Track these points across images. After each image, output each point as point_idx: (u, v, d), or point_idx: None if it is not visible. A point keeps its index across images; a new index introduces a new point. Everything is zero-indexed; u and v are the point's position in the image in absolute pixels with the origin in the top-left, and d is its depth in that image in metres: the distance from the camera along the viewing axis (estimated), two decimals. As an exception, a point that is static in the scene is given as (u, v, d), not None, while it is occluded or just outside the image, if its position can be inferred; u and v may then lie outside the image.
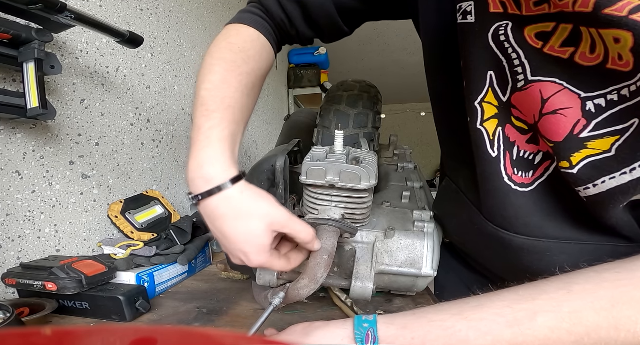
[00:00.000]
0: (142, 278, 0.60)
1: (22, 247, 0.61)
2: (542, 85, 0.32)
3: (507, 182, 0.38)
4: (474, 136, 0.39)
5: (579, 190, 0.33)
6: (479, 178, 0.41)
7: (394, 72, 3.41)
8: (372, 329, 0.33)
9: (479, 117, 0.38)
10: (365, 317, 0.35)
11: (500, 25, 0.33)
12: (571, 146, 0.32)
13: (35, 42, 0.55)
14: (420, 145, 4.80)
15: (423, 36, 0.46)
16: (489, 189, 0.40)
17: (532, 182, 0.38)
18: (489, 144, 0.38)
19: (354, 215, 0.47)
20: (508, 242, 0.41)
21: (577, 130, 0.31)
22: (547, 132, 0.33)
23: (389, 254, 0.51)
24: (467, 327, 0.30)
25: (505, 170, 0.38)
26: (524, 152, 0.38)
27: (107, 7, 0.80)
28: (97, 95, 0.77)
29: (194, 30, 1.16)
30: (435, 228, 0.53)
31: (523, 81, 0.34)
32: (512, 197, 0.38)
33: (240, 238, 0.37)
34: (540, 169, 0.37)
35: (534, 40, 0.32)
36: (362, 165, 0.43)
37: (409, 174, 0.70)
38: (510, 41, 0.33)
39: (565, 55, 0.31)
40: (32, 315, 0.48)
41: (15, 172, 0.60)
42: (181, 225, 0.77)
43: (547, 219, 0.38)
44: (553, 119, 0.32)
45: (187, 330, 0.13)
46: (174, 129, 1.05)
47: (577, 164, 0.32)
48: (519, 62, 0.33)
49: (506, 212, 0.40)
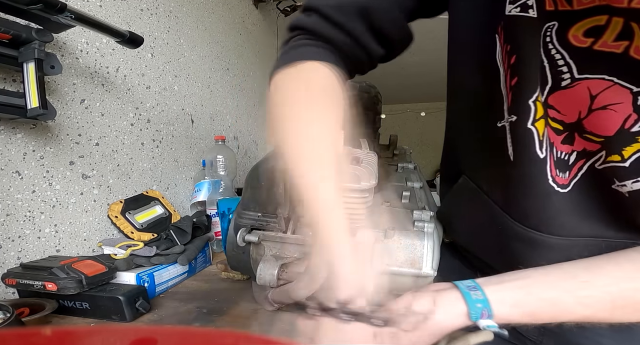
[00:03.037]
0: (142, 278, 0.60)
1: (22, 247, 0.61)
2: (590, 83, 0.33)
3: (551, 184, 0.38)
4: (520, 135, 0.37)
5: (625, 184, 0.34)
6: (518, 179, 0.39)
7: (394, 72, 3.41)
8: (485, 309, 0.34)
9: (531, 116, 0.36)
10: (475, 295, 0.36)
11: (548, 26, 0.34)
12: (623, 140, 0.33)
13: (35, 42, 0.55)
14: (420, 145, 4.80)
15: (453, 28, 0.43)
16: (530, 191, 0.39)
17: (568, 183, 0.38)
18: (538, 144, 0.36)
19: (354, 215, 0.47)
20: (539, 243, 0.41)
21: (628, 125, 0.32)
22: (597, 127, 0.34)
23: (389, 253, 0.51)
24: (575, 302, 0.33)
25: (550, 172, 0.38)
26: (560, 153, 0.38)
27: (107, 7, 0.80)
28: (97, 95, 0.77)
29: (194, 30, 1.16)
30: (435, 228, 0.53)
31: (569, 80, 0.34)
32: (553, 198, 0.38)
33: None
34: (574, 169, 0.38)
35: (580, 39, 0.32)
36: (362, 165, 0.43)
37: (409, 174, 0.70)
38: (554, 43, 0.34)
39: (619, 49, 0.31)
40: (32, 315, 0.48)
41: (15, 172, 0.60)
42: (181, 225, 0.77)
43: (581, 218, 0.39)
44: (603, 114, 0.33)
45: (187, 330, 0.13)
46: (174, 129, 1.05)
47: (629, 158, 0.33)
48: (563, 62, 0.34)
49: (545, 213, 0.39)
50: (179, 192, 1.06)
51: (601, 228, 0.38)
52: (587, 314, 0.34)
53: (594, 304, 0.33)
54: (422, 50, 1.95)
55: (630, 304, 0.33)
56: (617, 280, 0.33)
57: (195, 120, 1.16)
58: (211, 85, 1.27)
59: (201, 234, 0.81)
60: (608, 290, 0.33)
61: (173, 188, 1.03)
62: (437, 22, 0.55)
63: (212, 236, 0.86)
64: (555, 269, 0.36)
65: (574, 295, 0.34)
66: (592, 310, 0.33)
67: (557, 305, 0.34)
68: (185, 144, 1.10)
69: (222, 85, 1.35)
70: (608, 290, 0.33)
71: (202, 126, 1.20)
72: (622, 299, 0.33)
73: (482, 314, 0.34)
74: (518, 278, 0.36)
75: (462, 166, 0.51)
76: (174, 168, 1.04)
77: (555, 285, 0.35)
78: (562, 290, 0.34)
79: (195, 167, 1.13)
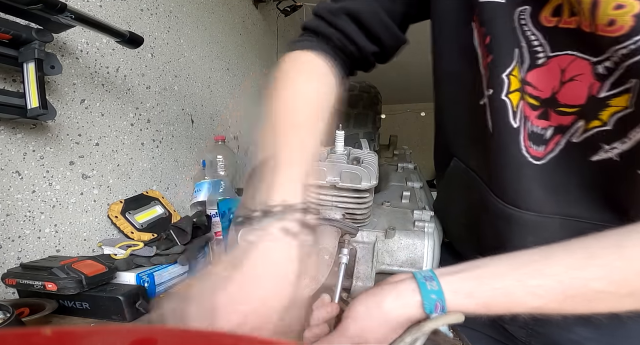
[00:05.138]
0: (142, 278, 0.60)
1: (22, 247, 0.61)
2: (560, 59, 0.37)
3: (524, 153, 0.40)
4: (496, 107, 0.40)
5: (615, 146, 0.35)
6: (496, 150, 0.42)
7: (394, 72, 3.41)
8: (440, 300, 0.34)
9: (504, 88, 0.39)
10: (430, 286, 0.35)
11: (521, 10, 0.38)
12: (596, 106, 0.35)
13: (35, 42, 0.55)
14: (420, 145, 4.78)
15: (434, 14, 0.47)
16: (506, 161, 0.41)
17: (544, 156, 0.40)
18: (511, 114, 0.39)
19: (354, 215, 0.47)
20: (516, 220, 0.42)
21: (594, 91, 0.35)
22: (569, 98, 0.37)
23: (390, 253, 0.51)
24: (525, 292, 0.33)
25: (523, 142, 0.40)
26: (536, 127, 0.40)
27: (107, 7, 0.80)
28: (97, 95, 0.77)
29: (194, 30, 1.16)
30: (435, 228, 0.53)
31: (544, 58, 0.38)
32: (526, 169, 0.40)
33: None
34: (551, 144, 0.40)
35: (549, 19, 0.36)
36: (362, 166, 0.43)
37: (409, 174, 0.70)
38: (529, 25, 0.38)
39: (573, 24, 0.35)
40: (32, 315, 0.48)
41: (15, 172, 0.60)
42: (181, 225, 0.77)
43: (555, 193, 0.40)
44: (572, 85, 0.37)
45: (187, 330, 0.13)
46: (174, 129, 1.05)
47: (609, 120, 0.35)
48: (538, 43, 0.38)
49: (520, 184, 0.41)
50: (179, 192, 1.06)
51: (577, 207, 0.40)
52: (538, 305, 0.33)
53: (544, 294, 0.32)
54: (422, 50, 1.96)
55: (581, 294, 0.32)
56: (567, 269, 0.32)
57: (195, 120, 1.16)
58: (211, 85, 1.27)
59: (201, 234, 0.81)
60: (559, 280, 0.32)
61: (173, 188, 1.03)
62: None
63: (212, 236, 0.86)
64: (509, 258, 0.35)
65: (525, 284, 0.33)
66: (543, 301, 0.32)
67: (509, 295, 0.33)
68: (185, 144, 1.10)
69: (222, 85, 1.35)
70: (559, 279, 0.32)
71: (202, 126, 1.20)
72: (573, 289, 0.32)
73: (436, 305, 0.33)
74: (474, 267, 0.35)
75: (452, 150, 0.53)
76: (174, 168, 1.04)
77: (508, 274, 0.34)
78: (513, 279, 0.33)
79: (195, 167, 1.13)
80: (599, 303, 0.32)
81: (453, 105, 0.51)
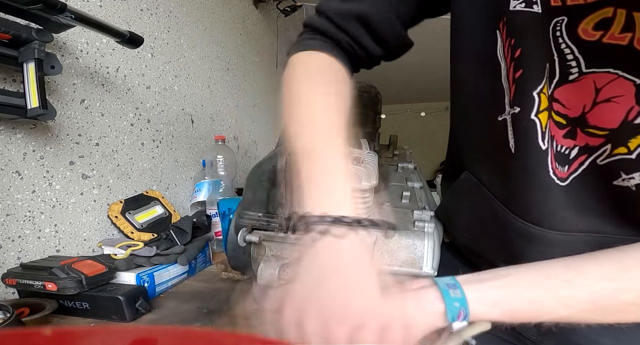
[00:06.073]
0: (142, 278, 0.60)
1: (22, 247, 0.61)
2: (596, 76, 0.34)
3: (551, 176, 0.38)
4: (524, 127, 0.37)
5: (633, 176, 0.34)
6: (518, 171, 0.40)
7: (394, 72, 3.41)
8: (463, 308, 0.33)
9: (534, 107, 0.36)
10: (453, 294, 0.34)
11: (557, 21, 0.35)
12: (627, 132, 0.33)
13: (35, 42, 0.55)
14: (420, 145, 4.80)
15: (455, 26, 0.45)
16: (531, 183, 0.39)
17: (567, 177, 0.38)
18: (540, 135, 0.37)
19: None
20: (539, 238, 0.41)
21: (631, 117, 0.32)
22: (600, 120, 0.34)
23: (390, 253, 0.51)
24: (556, 302, 0.33)
25: (550, 163, 0.38)
26: (561, 146, 0.38)
27: (107, 7, 0.80)
28: (97, 95, 0.77)
29: (194, 30, 1.16)
30: (435, 228, 0.53)
31: (577, 74, 0.35)
32: (553, 191, 0.38)
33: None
34: (575, 164, 0.38)
35: (589, 33, 0.33)
36: (362, 165, 0.43)
37: (409, 174, 0.70)
38: (564, 37, 0.35)
39: (625, 41, 0.31)
40: (32, 315, 0.48)
41: (15, 172, 0.60)
42: (181, 225, 0.77)
43: (579, 213, 0.39)
44: (607, 106, 0.34)
45: (187, 330, 0.13)
46: (174, 129, 1.05)
47: (635, 149, 0.33)
48: (572, 57, 0.35)
49: (546, 207, 0.39)
50: (179, 192, 1.06)
51: (601, 224, 0.38)
52: (567, 314, 0.33)
53: (574, 305, 0.32)
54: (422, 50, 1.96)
55: (611, 305, 0.32)
56: (598, 280, 0.32)
57: (195, 120, 1.16)
58: (211, 85, 1.27)
59: (201, 234, 0.81)
60: (590, 290, 0.32)
61: (173, 188, 1.03)
62: (438, 22, 0.55)
63: (212, 236, 0.86)
64: (537, 267, 0.35)
65: (556, 294, 0.33)
66: (572, 311, 0.32)
67: (538, 305, 0.33)
68: (185, 144, 1.10)
69: (222, 85, 1.35)
70: (590, 290, 0.32)
71: (202, 126, 1.20)
72: (603, 300, 0.32)
73: (459, 313, 0.33)
74: (499, 276, 0.35)
75: (464, 162, 0.51)
76: (174, 168, 1.04)
77: (537, 284, 0.34)
78: (543, 289, 0.33)
79: (195, 167, 1.13)
80: (627, 314, 0.33)
81: (467, 116, 0.49)
